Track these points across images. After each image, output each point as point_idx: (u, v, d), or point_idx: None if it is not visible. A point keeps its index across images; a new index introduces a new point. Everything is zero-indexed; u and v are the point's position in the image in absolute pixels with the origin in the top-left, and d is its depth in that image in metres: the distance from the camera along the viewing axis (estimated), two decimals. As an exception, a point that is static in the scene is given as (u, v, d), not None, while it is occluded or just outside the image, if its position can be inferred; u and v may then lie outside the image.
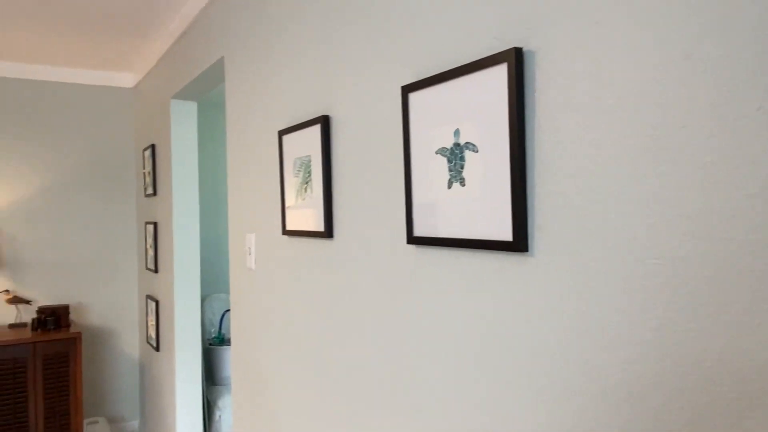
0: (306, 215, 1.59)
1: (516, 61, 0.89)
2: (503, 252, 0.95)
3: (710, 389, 0.68)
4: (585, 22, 0.81)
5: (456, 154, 1.02)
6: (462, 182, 1.01)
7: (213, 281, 4.07)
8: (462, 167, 1.01)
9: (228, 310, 3.72)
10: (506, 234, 0.92)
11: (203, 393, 3.46)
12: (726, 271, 0.66)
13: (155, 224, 3.29)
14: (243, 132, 2.09)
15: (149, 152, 3.36)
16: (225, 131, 4.15)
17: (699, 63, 0.68)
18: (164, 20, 2.74)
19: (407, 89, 1.14)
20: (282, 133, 1.71)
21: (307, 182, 1.57)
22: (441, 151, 1.06)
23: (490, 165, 0.95)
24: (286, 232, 1.71)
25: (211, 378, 3.62)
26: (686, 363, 0.70)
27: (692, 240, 0.69)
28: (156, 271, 3.31)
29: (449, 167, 1.04)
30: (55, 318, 3.26)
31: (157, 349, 3.32)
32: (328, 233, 1.47)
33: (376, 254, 1.29)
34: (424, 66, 1.13)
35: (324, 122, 1.47)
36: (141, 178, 3.67)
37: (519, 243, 0.90)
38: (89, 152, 3.68)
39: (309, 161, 1.56)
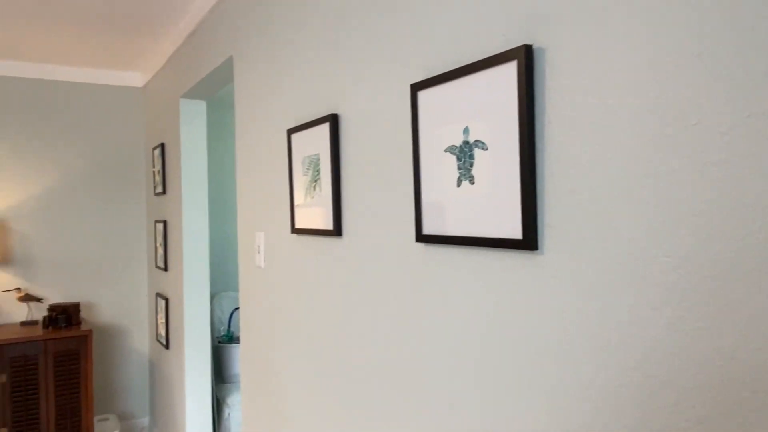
0: (315, 213, 1.60)
1: (526, 59, 0.89)
2: (513, 250, 0.95)
3: (722, 388, 0.67)
4: (595, 19, 0.81)
5: (465, 152, 1.02)
6: (471, 180, 1.01)
7: (222, 279, 4.09)
8: (471, 165, 1.01)
9: (237, 308, 3.74)
10: (516, 232, 0.92)
11: (212, 390, 3.48)
12: (738, 269, 0.65)
13: (165, 223, 3.30)
14: (252, 131, 2.10)
15: (159, 151, 3.38)
16: (234, 130, 4.16)
17: (711, 60, 0.68)
18: (173, 20, 2.75)
19: (416, 87, 1.14)
20: (291, 132, 1.71)
21: (316, 181, 1.58)
22: (450, 149, 1.06)
23: (500, 163, 0.95)
24: (295, 231, 1.71)
25: (220, 376, 3.64)
26: (698, 361, 0.70)
27: (704, 238, 0.69)
28: (165, 270, 3.33)
29: (458, 165, 1.04)
30: (66, 316, 3.29)
31: (167, 347, 3.34)
32: (337, 231, 1.48)
33: (385, 252, 1.29)
34: (433, 64, 1.12)
35: (333, 121, 1.47)
36: (150, 177, 3.69)
37: (529, 241, 0.90)
38: (99, 151, 3.71)
39: (318, 160, 1.56)
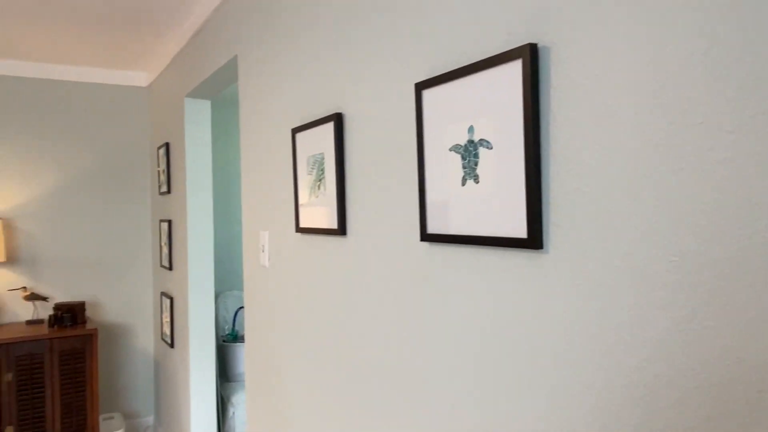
0: (319, 213, 1.60)
1: (531, 58, 0.88)
2: (518, 249, 0.95)
3: (728, 388, 0.67)
4: (600, 18, 0.81)
5: (470, 151, 1.02)
6: (476, 179, 1.01)
7: (226, 278, 4.10)
8: (476, 164, 1.01)
9: (241, 307, 3.74)
10: (521, 231, 0.92)
11: (217, 389, 3.48)
12: (744, 268, 0.65)
13: (169, 222, 3.31)
14: (256, 130, 2.10)
15: (163, 150, 3.38)
16: (238, 129, 4.17)
17: (718, 58, 0.67)
18: (178, 20, 2.76)
19: (421, 86, 1.13)
20: (295, 131, 1.72)
21: (321, 180, 1.58)
22: (455, 148, 1.05)
23: (505, 162, 0.94)
24: (300, 230, 1.71)
25: (225, 375, 3.65)
26: (703, 361, 0.69)
27: (710, 237, 0.68)
28: (170, 269, 3.34)
29: (463, 164, 1.04)
30: (72, 315, 3.30)
31: (172, 346, 3.35)
32: (342, 230, 1.48)
33: (390, 251, 1.29)
34: (438, 63, 1.12)
35: (337, 120, 1.47)
36: (155, 176, 3.70)
37: (534, 240, 0.89)
38: (104, 151, 3.72)
39: (322, 159, 1.56)
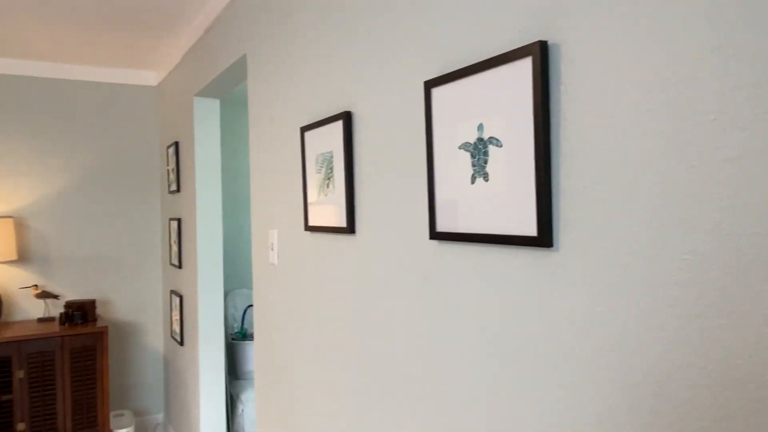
0: (328, 211, 1.60)
1: (541, 55, 0.88)
2: (527, 247, 0.94)
3: (740, 386, 0.67)
4: (611, 14, 0.80)
5: (479, 149, 1.02)
6: (485, 177, 1.00)
7: (235, 277, 4.11)
8: (485, 162, 1.00)
9: (250, 306, 3.76)
10: (531, 229, 0.92)
11: (226, 387, 3.50)
12: (757, 266, 0.65)
13: (179, 220, 3.33)
14: (265, 129, 2.10)
15: (173, 149, 3.40)
16: (247, 128, 4.18)
17: (730, 54, 0.67)
18: (187, 19, 2.77)
19: (430, 84, 1.13)
20: (304, 130, 1.72)
21: (329, 178, 1.58)
22: (464, 146, 1.05)
23: (515, 160, 0.94)
24: (309, 228, 1.72)
25: (234, 372, 3.67)
26: (716, 359, 0.69)
27: (722, 235, 0.68)
28: (180, 267, 3.36)
29: (472, 162, 1.03)
30: (82, 312, 3.32)
31: (181, 344, 3.37)
32: (350, 229, 1.48)
33: (399, 250, 1.29)
34: (447, 61, 1.12)
35: (346, 118, 1.47)
36: (165, 175, 3.72)
37: (544, 238, 0.89)
38: (114, 149, 3.74)
39: (331, 157, 1.56)
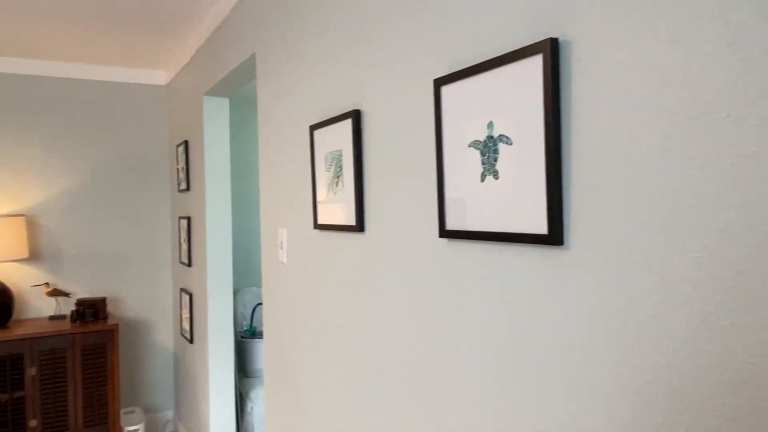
0: (337, 209, 1.60)
1: (551, 52, 0.88)
2: (538, 245, 0.94)
3: (754, 385, 0.66)
4: (623, 10, 0.80)
5: (489, 147, 1.01)
6: (495, 175, 1.00)
7: (244, 275, 4.13)
8: (495, 160, 1.00)
9: (259, 304, 3.77)
10: (541, 227, 0.91)
11: (236, 385, 3.52)
12: (772, 265, 0.64)
13: (189, 219, 3.35)
14: (274, 127, 2.11)
15: (182, 148, 3.42)
16: (256, 126, 4.19)
17: (742, 50, 0.66)
18: (197, 18, 2.78)
19: (439, 82, 1.13)
20: (313, 128, 1.72)
21: (339, 176, 1.58)
22: (474, 144, 1.05)
23: (525, 157, 0.94)
24: (318, 227, 1.72)
25: (243, 370, 3.68)
26: (729, 358, 0.68)
27: (735, 232, 0.67)
28: (189, 265, 3.37)
29: (482, 160, 1.03)
30: (93, 310, 3.35)
31: (191, 342, 3.39)
32: (360, 227, 1.48)
33: (408, 248, 1.29)
34: (457, 58, 1.12)
35: (355, 116, 1.47)
36: (174, 174, 3.74)
37: (554, 236, 0.89)
38: (124, 148, 3.77)
39: (340, 156, 1.56)
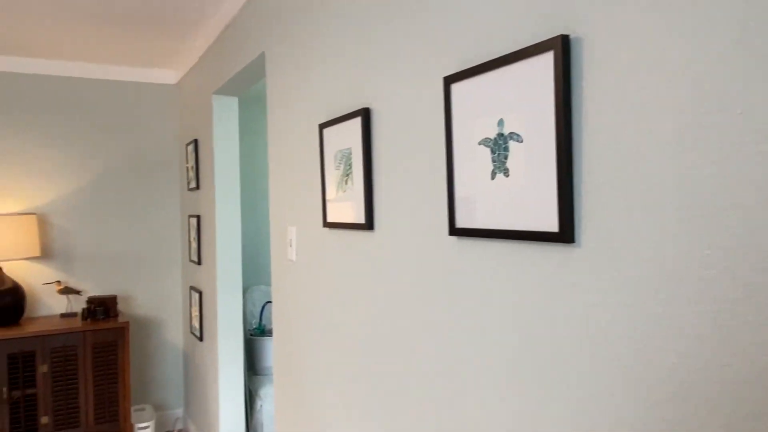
0: (347, 207, 1.60)
1: (562, 49, 0.87)
2: (549, 243, 0.94)
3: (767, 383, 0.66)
4: (634, 7, 0.79)
5: (500, 145, 1.01)
6: (506, 173, 1.00)
7: (254, 273, 4.14)
8: (506, 158, 1.00)
9: (268, 302, 3.78)
10: (552, 225, 0.91)
11: (245, 382, 3.53)
12: (786, 263, 0.64)
13: (198, 217, 3.36)
14: (284, 126, 2.11)
15: (192, 147, 3.43)
16: (265, 125, 4.20)
17: (755, 46, 0.66)
18: (206, 17, 2.79)
19: (449, 80, 1.13)
20: (323, 127, 1.72)
21: (348, 175, 1.58)
22: (484, 142, 1.05)
23: (535, 155, 0.94)
24: (327, 225, 1.72)
25: (253, 368, 3.70)
26: (741, 356, 0.68)
27: (747, 230, 0.67)
28: (199, 263, 3.39)
29: (492, 158, 1.03)
30: (104, 308, 3.37)
31: (201, 339, 3.40)
32: (369, 225, 1.48)
33: (418, 246, 1.29)
34: (467, 56, 1.12)
35: (364, 115, 1.47)
36: (184, 173, 3.76)
37: (565, 234, 0.89)
38: (134, 147, 3.79)
39: (350, 154, 1.57)
